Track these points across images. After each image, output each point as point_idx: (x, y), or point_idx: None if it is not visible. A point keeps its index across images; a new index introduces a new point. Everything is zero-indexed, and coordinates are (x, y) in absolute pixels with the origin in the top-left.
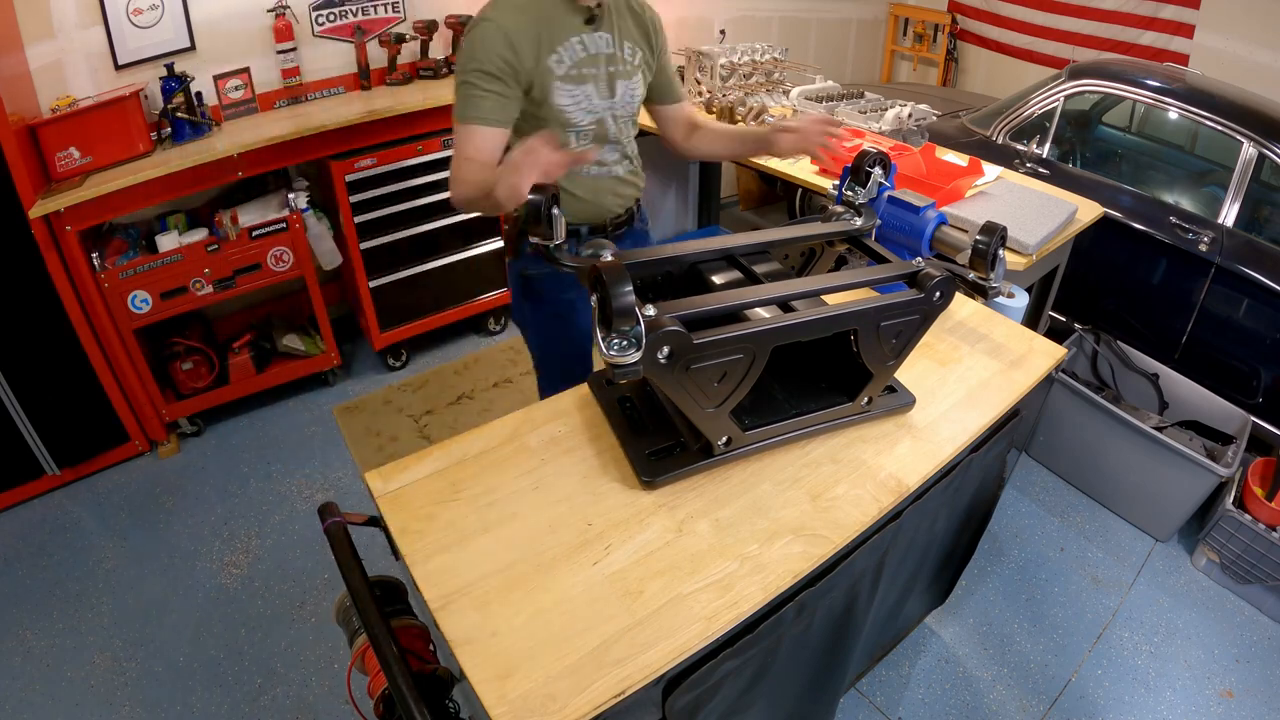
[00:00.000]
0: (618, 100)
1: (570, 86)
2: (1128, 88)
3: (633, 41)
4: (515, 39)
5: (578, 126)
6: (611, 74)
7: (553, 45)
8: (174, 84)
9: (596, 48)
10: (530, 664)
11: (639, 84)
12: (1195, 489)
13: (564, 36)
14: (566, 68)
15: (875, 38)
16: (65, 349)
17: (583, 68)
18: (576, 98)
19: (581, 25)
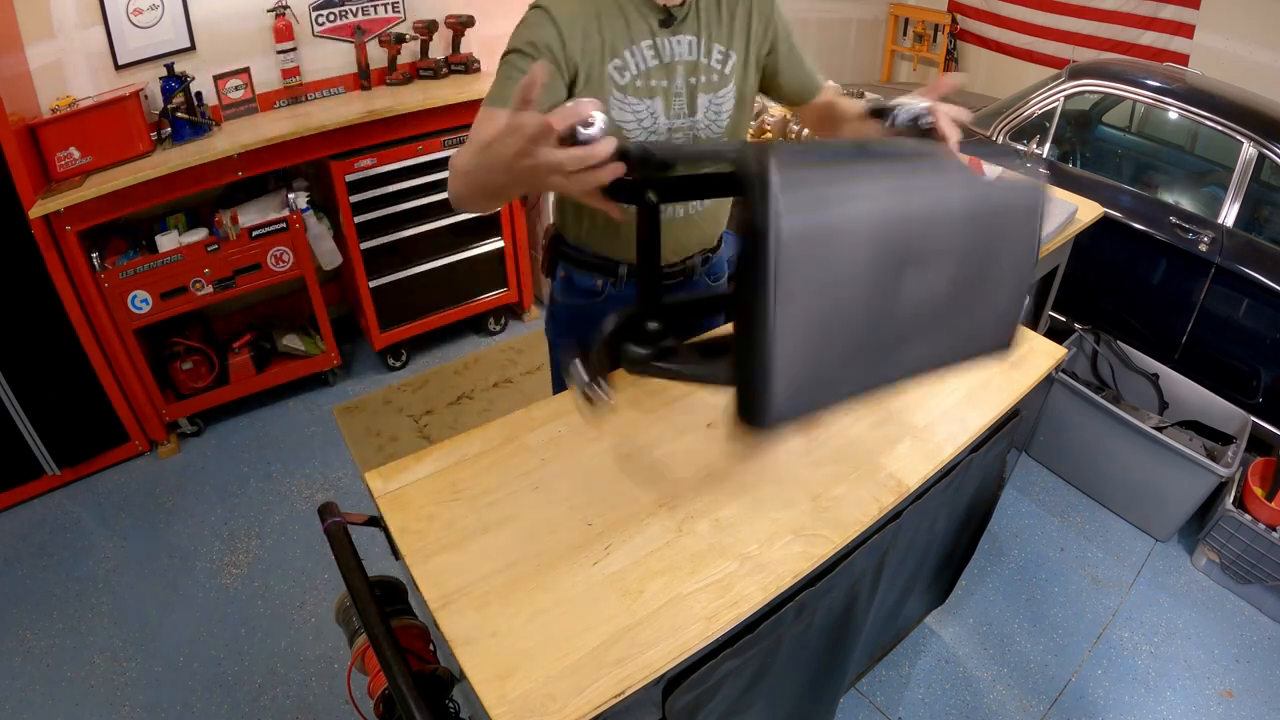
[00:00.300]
0: (699, 119)
1: (632, 100)
2: (1128, 88)
3: (724, 43)
4: (568, 29)
5: None
6: (692, 87)
7: (616, 49)
8: (174, 84)
9: (673, 54)
10: (530, 664)
11: (729, 97)
12: (1195, 489)
13: (632, 40)
14: (631, 77)
15: (875, 38)
16: (65, 349)
17: (651, 79)
18: (639, 114)
19: (657, 26)
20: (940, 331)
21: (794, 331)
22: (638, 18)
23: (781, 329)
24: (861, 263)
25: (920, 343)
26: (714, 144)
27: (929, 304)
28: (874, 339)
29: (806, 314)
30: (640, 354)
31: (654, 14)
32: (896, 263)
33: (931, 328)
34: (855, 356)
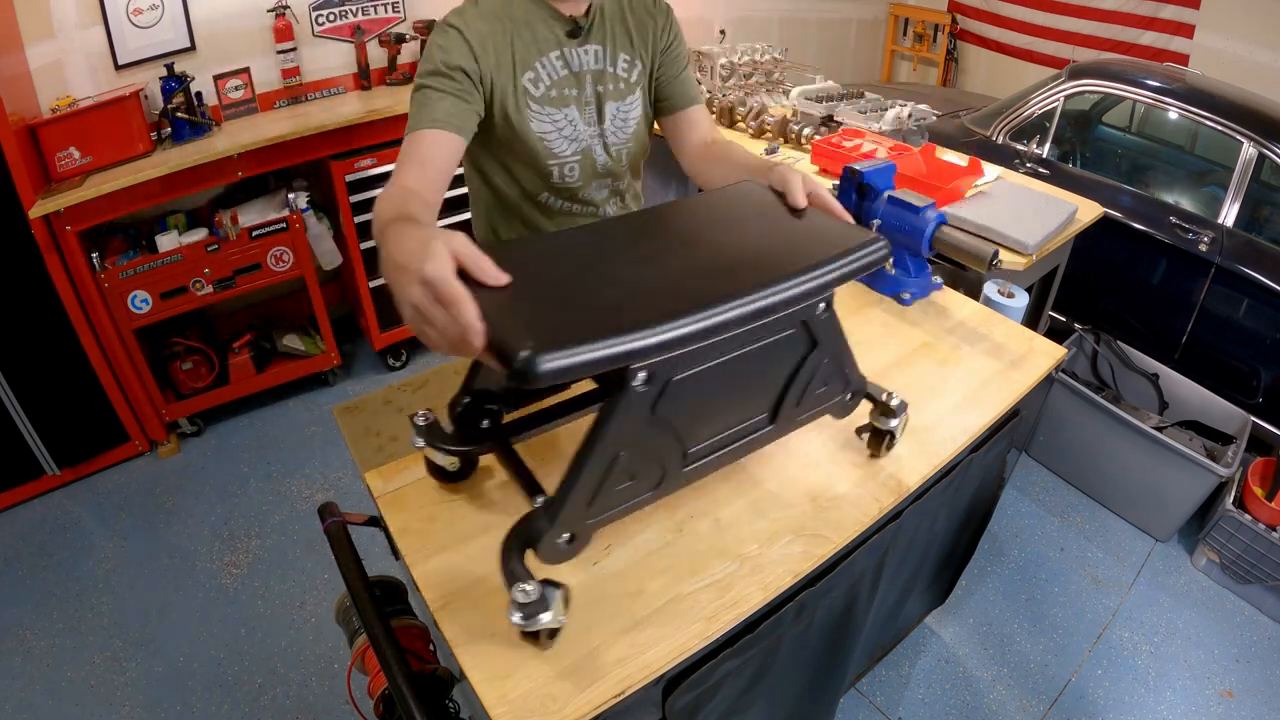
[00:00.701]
0: (607, 126)
1: (550, 110)
2: (1128, 88)
3: (629, 53)
4: (480, 47)
5: (561, 157)
6: (600, 94)
7: (528, 62)
8: (174, 84)
9: (581, 64)
10: (530, 664)
11: (637, 104)
12: (1195, 489)
13: (541, 51)
14: (544, 88)
15: (875, 38)
16: (65, 349)
17: (564, 88)
18: (558, 123)
19: (564, 37)
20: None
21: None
22: (545, 30)
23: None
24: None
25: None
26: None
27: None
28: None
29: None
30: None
31: (560, 25)
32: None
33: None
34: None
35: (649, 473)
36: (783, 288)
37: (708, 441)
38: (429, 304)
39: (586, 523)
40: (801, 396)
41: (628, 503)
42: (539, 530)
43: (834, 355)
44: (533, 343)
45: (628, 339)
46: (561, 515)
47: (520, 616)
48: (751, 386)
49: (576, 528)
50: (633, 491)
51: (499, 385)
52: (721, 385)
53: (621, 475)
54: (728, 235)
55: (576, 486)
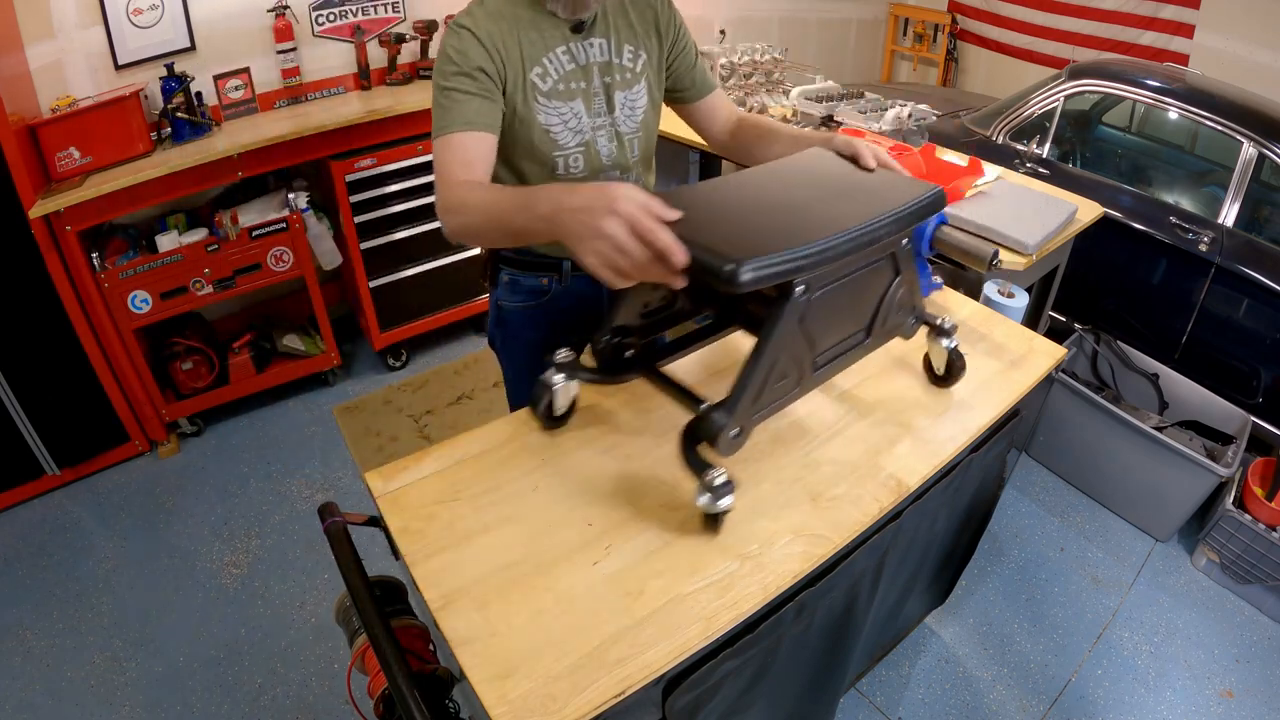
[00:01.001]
0: (618, 115)
1: (557, 104)
2: (1128, 88)
3: (634, 44)
4: (493, 44)
5: (564, 150)
6: (608, 85)
7: (535, 58)
8: (174, 84)
9: (587, 57)
10: (530, 664)
11: (643, 93)
12: (1195, 489)
13: (548, 47)
14: (552, 82)
15: (875, 38)
16: (65, 349)
17: (570, 81)
18: (564, 116)
19: (569, 33)
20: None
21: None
22: (550, 28)
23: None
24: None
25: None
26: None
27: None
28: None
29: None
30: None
31: (565, 22)
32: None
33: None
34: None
35: (793, 373)
36: (890, 217)
37: (828, 350)
38: (624, 234)
39: (753, 417)
40: (887, 317)
41: (780, 399)
42: (716, 426)
43: (909, 283)
44: (737, 255)
45: (798, 254)
46: (738, 410)
47: (709, 499)
48: (857, 306)
49: (745, 422)
50: (783, 389)
51: (635, 323)
52: (840, 304)
53: (779, 374)
54: (828, 185)
55: (750, 384)
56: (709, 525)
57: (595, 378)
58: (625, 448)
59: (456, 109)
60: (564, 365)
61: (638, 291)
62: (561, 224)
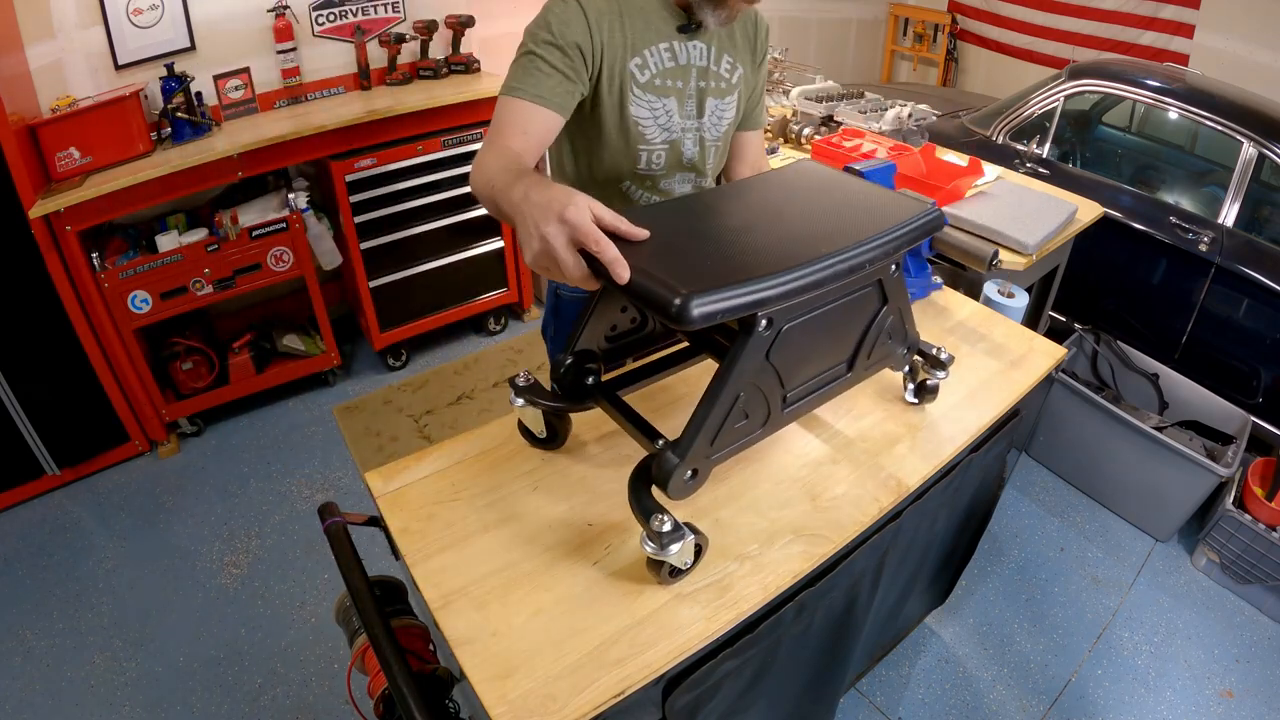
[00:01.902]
0: (705, 121)
1: (651, 97)
2: (1128, 88)
3: (733, 56)
4: (596, 23)
5: (650, 144)
6: (702, 90)
7: (637, 48)
8: (174, 84)
9: (688, 57)
10: (530, 664)
11: (733, 105)
12: (1195, 489)
13: (652, 40)
14: (650, 75)
15: (875, 38)
16: (65, 349)
17: (668, 78)
18: (656, 111)
19: (674, 31)
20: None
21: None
22: (658, 21)
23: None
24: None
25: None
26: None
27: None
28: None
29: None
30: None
31: (673, 19)
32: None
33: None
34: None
35: (758, 413)
36: (872, 246)
37: (801, 386)
38: (562, 242)
39: (709, 459)
40: (872, 349)
41: (741, 440)
42: (667, 467)
43: (899, 312)
44: (685, 290)
45: (760, 286)
46: (691, 451)
47: (653, 546)
48: (836, 339)
49: (700, 464)
50: (746, 430)
51: (600, 346)
52: (815, 336)
53: (739, 414)
54: (814, 203)
55: (705, 424)
56: (655, 571)
57: (555, 404)
58: (625, 448)
59: (536, 76)
60: (523, 390)
61: (603, 313)
62: (519, 214)
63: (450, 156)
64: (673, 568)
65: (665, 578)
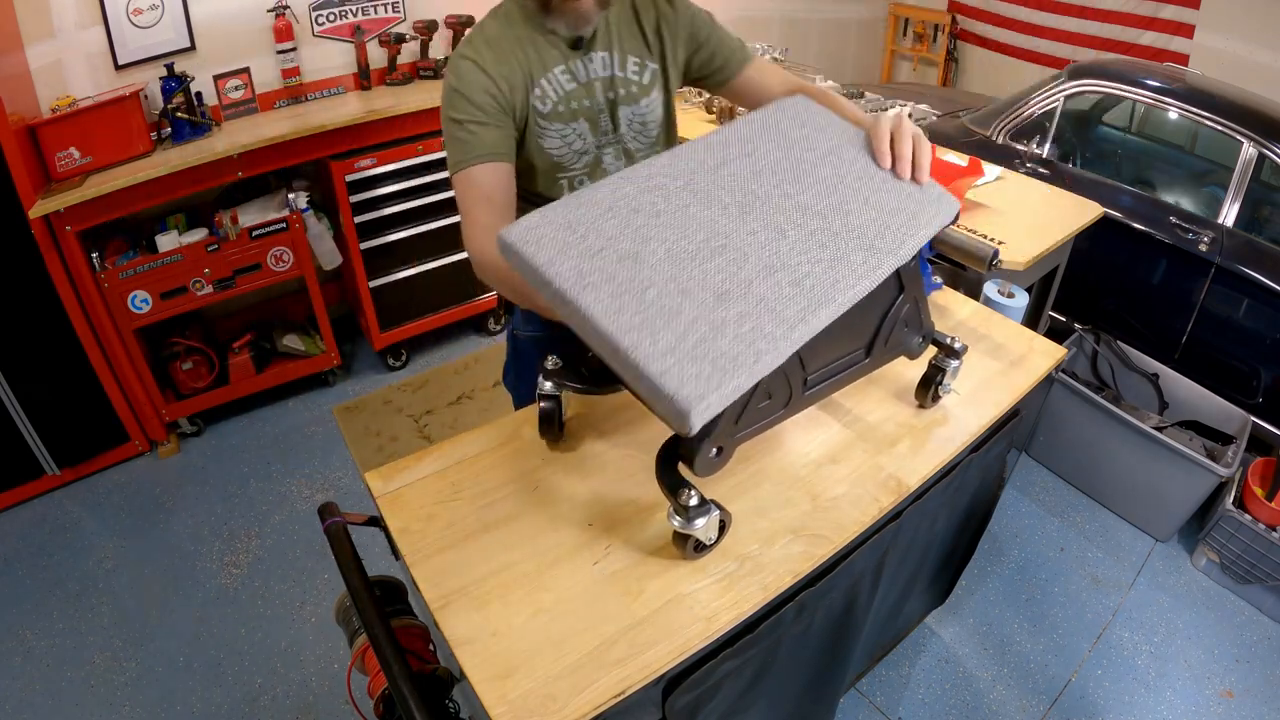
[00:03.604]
0: (624, 133)
1: (558, 126)
2: (1128, 88)
3: (639, 55)
4: (499, 74)
5: (571, 170)
6: (612, 101)
7: (535, 78)
8: (174, 84)
9: (588, 73)
10: (530, 664)
11: (656, 106)
12: (1195, 489)
13: (547, 68)
14: (552, 104)
15: (875, 38)
16: (65, 349)
17: (571, 101)
18: (567, 137)
19: (567, 50)
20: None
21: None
22: (547, 46)
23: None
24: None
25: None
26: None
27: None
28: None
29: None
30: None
31: (563, 40)
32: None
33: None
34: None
35: (780, 393)
36: (893, 262)
37: (822, 369)
38: None
39: (733, 438)
40: (889, 336)
41: (764, 420)
42: (694, 445)
43: (914, 301)
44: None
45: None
46: (717, 429)
47: (680, 520)
48: (856, 325)
49: (725, 442)
50: (769, 409)
51: None
52: (836, 322)
53: (762, 394)
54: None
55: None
56: (681, 545)
57: (584, 388)
58: (625, 448)
59: (471, 141)
60: (553, 374)
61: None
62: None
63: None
64: (698, 542)
65: (690, 553)
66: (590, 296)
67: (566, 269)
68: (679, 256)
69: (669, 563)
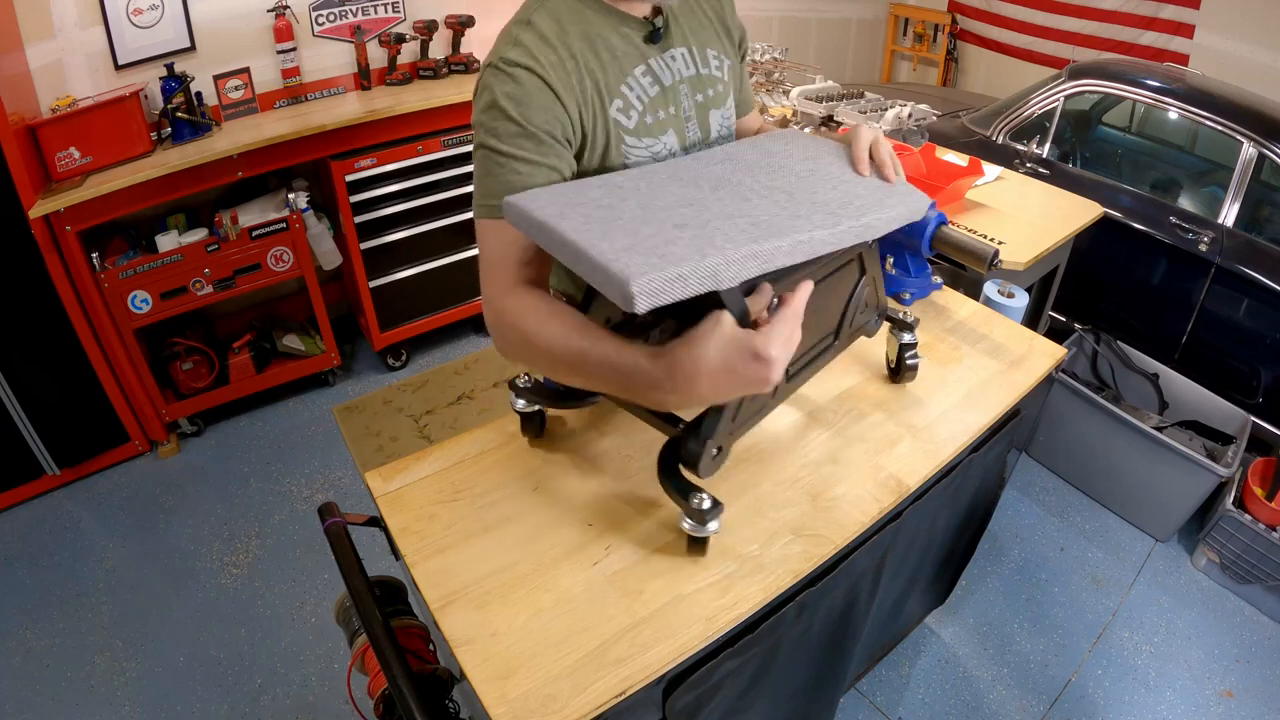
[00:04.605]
0: (713, 140)
1: (648, 141)
2: (1128, 88)
3: (717, 47)
4: (563, 84)
5: None
6: (701, 105)
7: (612, 88)
8: (174, 84)
9: (673, 74)
10: (530, 664)
11: (732, 104)
12: (1195, 489)
13: (625, 71)
14: (637, 116)
15: (875, 38)
16: (65, 349)
17: (658, 110)
18: (657, 153)
19: (644, 46)
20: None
21: None
22: (620, 41)
23: None
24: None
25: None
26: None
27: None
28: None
29: None
30: None
31: (636, 30)
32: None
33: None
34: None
35: None
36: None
37: (802, 357)
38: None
39: (730, 435)
40: (854, 317)
41: (756, 414)
42: (696, 448)
43: (874, 282)
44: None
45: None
46: (717, 430)
47: (692, 524)
48: (826, 309)
49: (724, 441)
50: (760, 402)
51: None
52: (813, 310)
53: None
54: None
55: (727, 403)
56: (695, 549)
57: (559, 403)
58: (625, 448)
59: (514, 183)
60: (524, 391)
61: (600, 308)
62: (707, 394)
63: (450, 156)
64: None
65: (707, 554)
66: (566, 223)
67: (551, 210)
68: (650, 206)
69: (669, 563)
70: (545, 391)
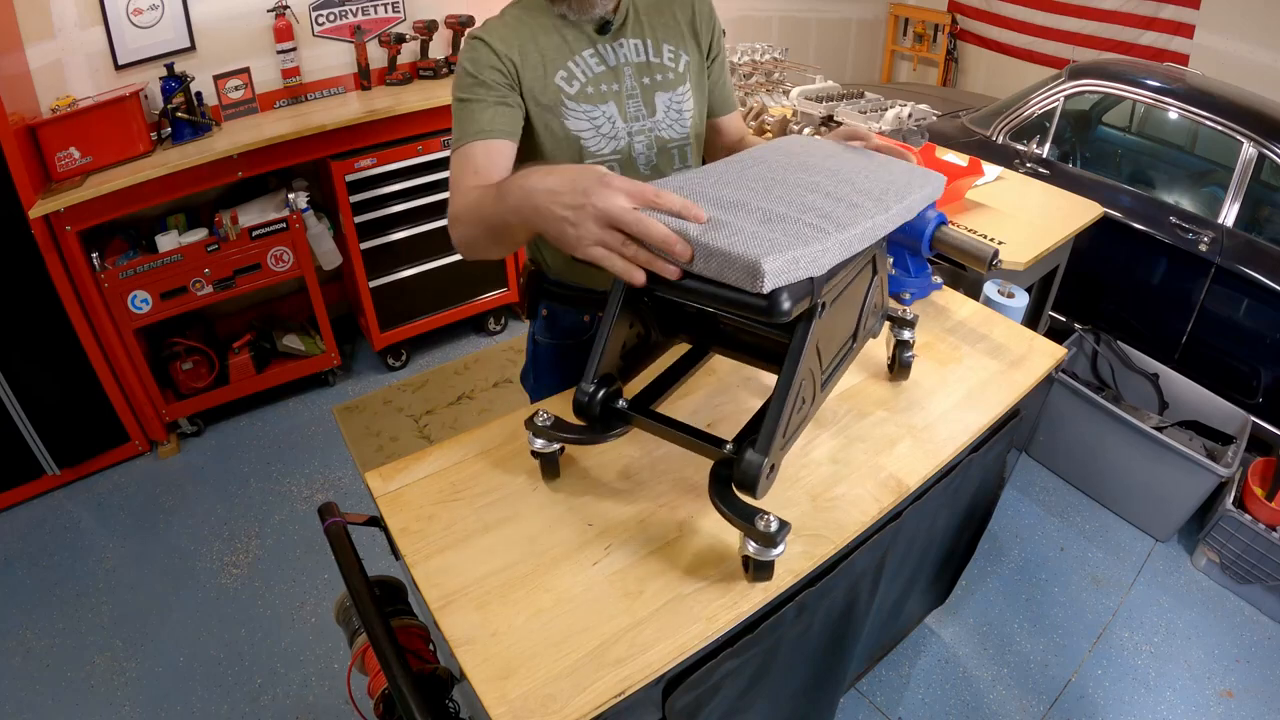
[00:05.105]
0: (660, 119)
1: (586, 107)
2: (1128, 88)
3: (674, 43)
4: (506, 49)
5: (599, 157)
6: (646, 86)
7: (560, 61)
8: (174, 84)
9: (618, 58)
10: (530, 664)
11: (689, 95)
12: (1195, 489)
13: (574, 50)
14: (579, 85)
15: (875, 38)
16: (65, 349)
17: (600, 83)
18: (596, 120)
19: (593, 34)
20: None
21: None
22: (574, 33)
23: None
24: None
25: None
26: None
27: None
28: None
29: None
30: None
31: (589, 25)
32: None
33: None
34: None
35: (809, 396)
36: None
37: (831, 362)
38: (615, 241)
39: (781, 451)
40: (867, 320)
41: (801, 426)
42: (754, 470)
43: (881, 283)
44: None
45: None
46: (772, 448)
47: (758, 547)
48: (849, 312)
49: (777, 458)
50: (803, 413)
51: (617, 367)
52: (838, 312)
53: (800, 401)
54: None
55: (781, 418)
56: (761, 573)
57: (584, 437)
58: (625, 448)
59: (472, 118)
60: (544, 430)
61: (617, 333)
62: (536, 213)
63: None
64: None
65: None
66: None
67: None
68: (720, 204)
69: (669, 563)
70: (566, 427)
